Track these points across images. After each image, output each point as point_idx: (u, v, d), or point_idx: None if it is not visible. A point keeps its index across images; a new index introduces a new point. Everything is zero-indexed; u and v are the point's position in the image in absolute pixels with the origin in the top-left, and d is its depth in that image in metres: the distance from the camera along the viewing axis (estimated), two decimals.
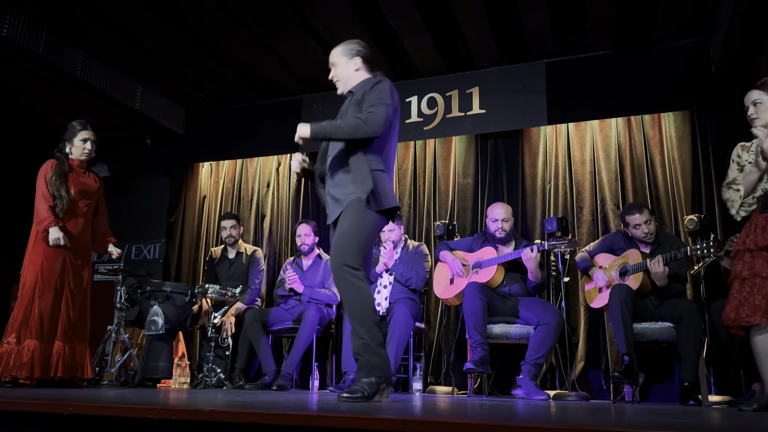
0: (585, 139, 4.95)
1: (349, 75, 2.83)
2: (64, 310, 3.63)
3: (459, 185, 5.25)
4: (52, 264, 3.62)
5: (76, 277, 3.73)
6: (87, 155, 3.88)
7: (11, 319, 3.57)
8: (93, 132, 3.92)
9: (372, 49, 4.74)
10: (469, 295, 3.85)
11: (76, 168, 3.85)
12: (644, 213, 3.94)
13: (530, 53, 4.94)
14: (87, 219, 3.86)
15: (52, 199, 3.66)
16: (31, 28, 4.45)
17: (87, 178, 3.89)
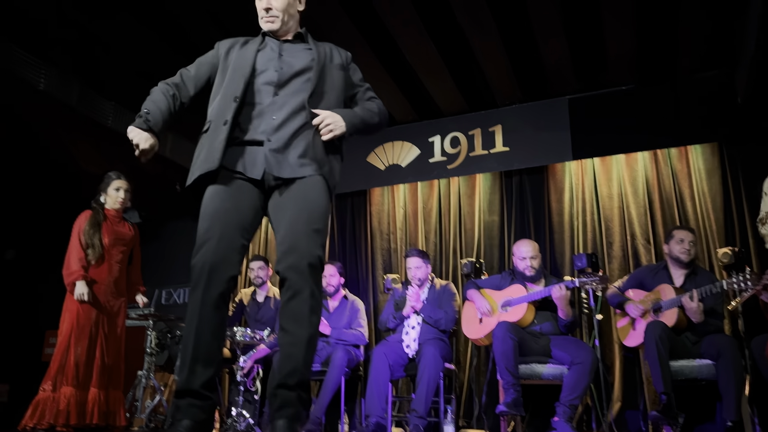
0: (611, 174, 4.91)
1: (292, 14, 2.22)
2: (99, 357, 3.68)
3: (485, 223, 5.23)
4: (88, 311, 3.69)
5: (110, 324, 3.80)
6: (121, 204, 3.99)
7: (49, 366, 3.63)
8: (126, 181, 4.03)
9: (393, 89, 4.88)
10: (499, 335, 3.78)
11: (111, 217, 3.95)
12: (692, 235, 3.90)
13: (552, 89, 4.97)
14: (122, 266, 3.95)
15: (86, 248, 3.75)
16: (64, 81, 4.62)
17: (122, 227, 4.00)
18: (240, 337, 4.31)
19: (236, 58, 2.17)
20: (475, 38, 4.24)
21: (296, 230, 1.94)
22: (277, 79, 2.09)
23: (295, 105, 2.08)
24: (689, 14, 3.90)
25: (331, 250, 5.73)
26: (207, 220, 1.97)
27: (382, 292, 5.38)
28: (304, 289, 1.89)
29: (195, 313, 1.88)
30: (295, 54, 2.18)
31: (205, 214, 1.99)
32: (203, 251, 1.92)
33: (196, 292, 1.89)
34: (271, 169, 2.01)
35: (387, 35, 4.22)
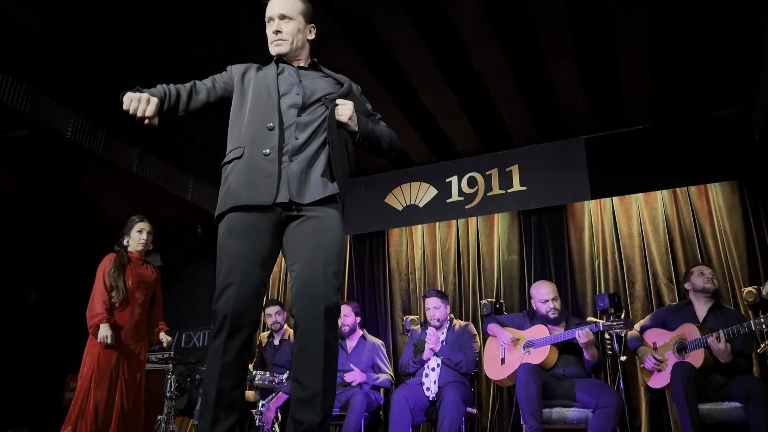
0: (631, 213, 4.88)
1: (302, 43, 2.25)
2: (119, 401, 3.69)
3: (504, 262, 5.20)
4: (109, 355, 3.71)
5: (131, 368, 3.81)
6: (143, 245, 4.05)
7: (69, 410, 3.64)
8: (149, 224, 4.10)
9: (410, 132, 4.95)
10: (522, 378, 3.72)
11: (134, 260, 4.01)
12: (711, 269, 3.93)
13: (568, 129, 5.00)
14: (143, 309, 3.98)
15: (110, 290, 3.80)
16: (91, 130, 4.77)
17: (144, 270, 4.05)
18: (259, 381, 4.29)
19: (256, 82, 2.17)
20: (492, 83, 4.31)
21: (313, 271, 1.91)
22: (301, 101, 2.11)
23: (316, 126, 2.10)
24: (705, 53, 3.94)
25: (350, 291, 5.72)
26: (227, 260, 1.93)
27: (401, 333, 5.34)
28: (317, 337, 1.85)
29: (217, 360, 1.86)
30: (314, 80, 2.22)
31: (225, 251, 1.95)
32: (225, 298, 1.89)
33: (218, 339, 1.86)
34: (292, 195, 1.98)
35: (405, 82, 4.30)
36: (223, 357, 1.85)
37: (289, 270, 1.99)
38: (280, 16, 2.19)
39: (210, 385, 1.86)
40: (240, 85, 2.19)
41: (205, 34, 3.85)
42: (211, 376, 1.86)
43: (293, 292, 1.94)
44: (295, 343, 1.91)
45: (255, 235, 1.95)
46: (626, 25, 3.67)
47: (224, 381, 1.85)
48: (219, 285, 1.91)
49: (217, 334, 1.87)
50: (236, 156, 2.06)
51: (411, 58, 4.03)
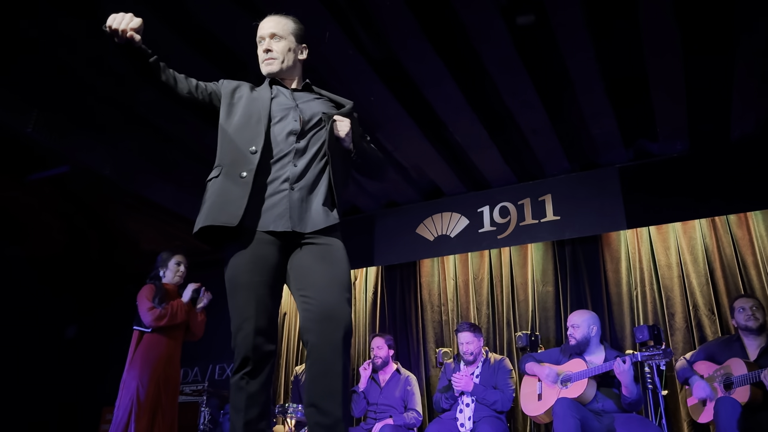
0: (669, 242, 4.77)
1: (293, 63, 2.22)
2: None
3: (539, 294, 5.11)
4: (147, 388, 3.72)
5: (166, 401, 3.81)
6: (180, 277, 4.13)
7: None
8: (184, 257, 4.19)
9: (439, 163, 4.95)
10: (560, 414, 3.61)
11: (170, 292, 4.06)
12: (753, 299, 3.77)
13: (601, 159, 4.94)
14: (177, 343, 4.02)
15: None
16: (129, 167, 4.90)
17: (188, 308, 4.12)
18: (291, 413, 4.27)
19: (247, 103, 2.13)
20: (522, 115, 4.30)
21: (331, 297, 1.91)
22: (299, 127, 2.08)
23: (315, 151, 2.09)
24: (741, 78, 3.87)
25: (381, 322, 5.68)
26: (240, 295, 1.92)
27: (434, 366, 5.26)
28: (336, 364, 1.85)
29: (243, 393, 1.86)
30: (309, 103, 2.20)
31: (237, 286, 1.93)
32: (243, 336, 1.89)
33: (241, 373, 1.88)
34: (294, 224, 1.97)
35: (434, 114, 4.32)
36: (248, 388, 1.86)
37: (299, 296, 1.97)
38: (271, 35, 2.17)
39: (236, 417, 1.86)
40: (228, 99, 2.14)
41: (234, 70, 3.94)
42: (236, 409, 1.87)
43: (308, 318, 1.92)
44: (311, 368, 1.89)
45: (262, 266, 1.94)
46: (658, 51, 3.63)
47: (250, 412, 1.85)
48: (235, 320, 1.91)
49: (240, 369, 1.88)
50: (214, 175, 2.05)
51: (440, 92, 4.05)
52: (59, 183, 4.86)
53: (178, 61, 2.36)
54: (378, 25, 3.49)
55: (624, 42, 3.64)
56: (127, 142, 4.70)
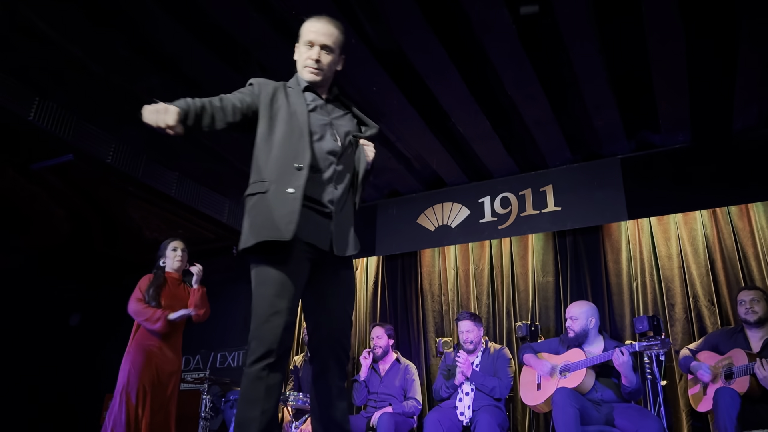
0: (669, 233, 4.78)
1: (333, 74, 2.26)
2: (146, 421, 3.62)
3: (539, 284, 5.13)
4: (138, 372, 3.68)
5: (160, 387, 3.75)
6: (179, 262, 4.10)
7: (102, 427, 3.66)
8: (182, 242, 4.17)
9: (442, 153, 4.96)
10: (559, 403, 3.64)
11: (171, 280, 4.06)
12: (754, 291, 3.79)
13: (603, 150, 4.95)
14: (178, 330, 4.00)
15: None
16: (132, 155, 4.91)
17: (181, 291, 4.08)
18: (292, 401, 4.31)
19: (288, 117, 2.11)
20: (525, 106, 4.30)
21: (341, 322, 2.09)
22: (338, 148, 2.12)
23: (348, 174, 2.15)
24: (744, 70, 3.87)
25: (382, 312, 5.71)
26: (275, 288, 1.93)
27: (434, 355, 5.30)
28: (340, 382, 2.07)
29: (262, 384, 1.87)
30: (340, 120, 2.22)
31: (272, 282, 1.93)
32: (272, 326, 1.89)
33: (262, 364, 1.87)
34: (335, 246, 2.04)
35: (437, 105, 4.32)
36: (268, 380, 1.87)
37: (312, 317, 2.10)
38: (323, 46, 2.16)
39: (251, 407, 1.85)
40: (268, 109, 2.13)
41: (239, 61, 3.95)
42: (252, 399, 1.86)
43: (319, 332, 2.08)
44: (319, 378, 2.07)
45: (299, 272, 1.99)
46: (661, 43, 3.63)
47: (268, 402, 1.87)
48: (264, 311, 1.91)
49: (261, 359, 1.87)
50: (260, 190, 2.03)
51: (443, 82, 4.05)
52: (63, 172, 4.87)
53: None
54: (382, 14, 3.49)
55: (627, 34, 3.64)
56: (131, 130, 4.70)
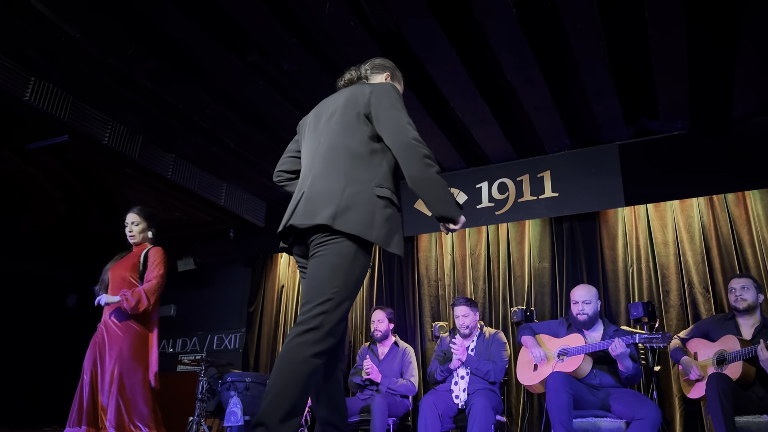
0: (666, 220, 4.79)
1: None
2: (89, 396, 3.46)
3: (535, 270, 5.15)
4: (90, 348, 3.58)
5: (109, 359, 3.51)
6: (130, 239, 3.86)
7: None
8: (140, 216, 3.88)
9: (440, 138, 4.95)
10: (553, 388, 3.67)
11: (126, 256, 3.85)
12: (744, 279, 3.79)
13: (602, 136, 4.94)
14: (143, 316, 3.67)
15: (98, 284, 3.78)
16: (129, 136, 4.89)
17: (121, 261, 3.82)
18: None
19: None
20: (524, 91, 4.28)
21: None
22: None
23: None
24: (743, 58, 3.86)
25: (379, 296, 5.74)
26: (355, 294, 2.00)
27: (430, 339, 5.33)
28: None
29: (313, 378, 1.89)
30: None
31: (358, 285, 2.00)
32: (343, 328, 2.01)
33: (321, 360, 1.88)
34: None
35: (436, 89, 4.30)
36: (318, 369, 1.91)
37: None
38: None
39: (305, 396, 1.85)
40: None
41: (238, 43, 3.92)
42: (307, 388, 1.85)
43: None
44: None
45: None
46: (662, 30, 3.61)
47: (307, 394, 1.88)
48: (345, 311, 1.95)
49: (325, 353, 1.88)
50: (396, 204, 2.14)
51: (443, 66, 4.03)
52: (58, 152, 4.85)
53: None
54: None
55: (628, 20, 3.62)
56: (127, 112, 4.68)
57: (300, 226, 2.06)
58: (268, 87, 4.30)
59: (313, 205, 2.05)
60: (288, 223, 2.13)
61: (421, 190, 2.11)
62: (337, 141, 2.17)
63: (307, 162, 2.26)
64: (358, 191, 2.05)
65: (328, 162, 2.14)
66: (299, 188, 2.21)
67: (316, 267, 1.98)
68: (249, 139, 5.04)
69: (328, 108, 2.32)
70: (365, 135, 2.16)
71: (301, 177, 2.27)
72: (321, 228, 2.00)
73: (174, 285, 6.70)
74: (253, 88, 4.33)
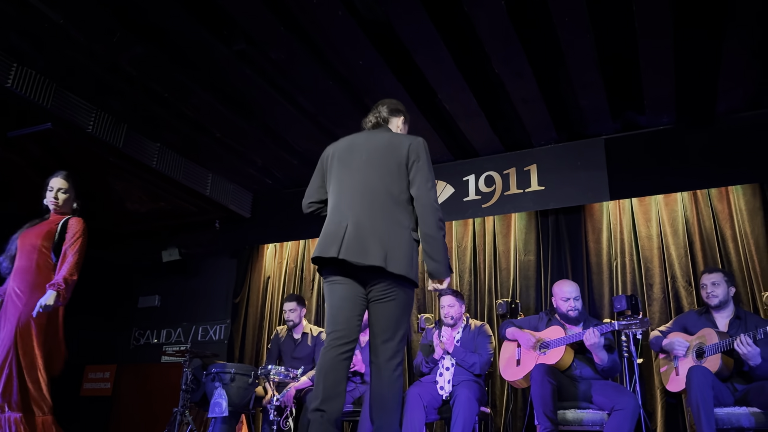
0: (650, 214, 4.84)
1: None
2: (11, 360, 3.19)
3: (521, 262, 5.18)
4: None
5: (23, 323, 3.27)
6: (53, 204, 3.57)
7: None
8: (68, 183, 3.62)
9: (429, 131, 4.95)
10: (537, 379, 3.71)
11: (42, 222, 3.56)
12: (714, 274, 3.83)
13: (588, 130, 4.96)
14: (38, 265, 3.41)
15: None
16: (113, 125, 4.83)
17: (36, 227, 3.54)
18: (274, 375, 4.33)
19: None
20: (512, 84, 4.29)
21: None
22: None
23: None
24: (729, 53, 3.89)
25: None
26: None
27: (415, 331, 5.34)
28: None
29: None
30: None
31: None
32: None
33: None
34: None
35: (424, 81, 4.30)
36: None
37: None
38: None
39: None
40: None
41: (225, 31, 3.88)
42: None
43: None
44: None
45: None
46: (648, 25, 3.63)
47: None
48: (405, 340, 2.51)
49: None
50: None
51: (431, 57, 4.02)
52: (42, 140, 4.78)
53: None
54: None
55: (616, 14, 3.63)
56: (112, 99, 4.62)
57: (354, 263, 2.41)
58: (256, 76, 4.27)
59: (364, 244, 2.41)
60: (339, 256, 2.42)
61: (427, 245, 2.50)
62: (378, 185, 2.53)
63: (346, 198, 2.57)
64: (400, 234, 2.46)
65: (371, 204, 2.50)
66: (338, 221, 2.52)
67: (389, 309, 2.46)
68: (235, 128, 5.00)
69: (362, 148, 2.66)
70: (404, 184, 2.54)
71: (338, 210, 2.58)
72: (375, 268, 2.40)
73: (159, 275, 6.68)
74: (240, 76, 4.30)
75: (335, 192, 2.64)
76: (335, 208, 2.60)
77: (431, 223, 2.48)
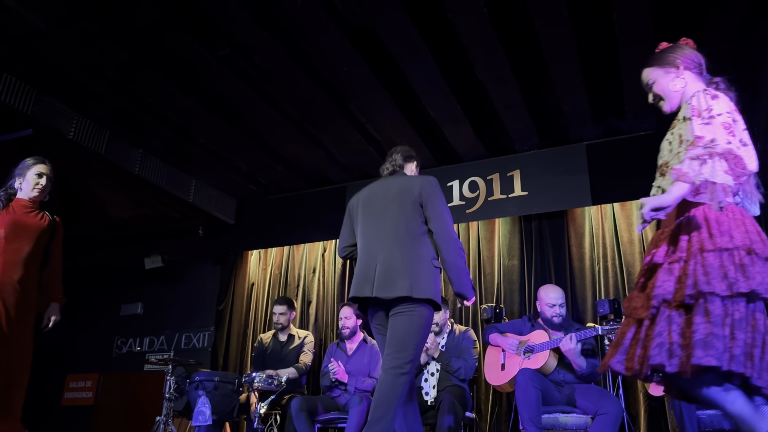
0: (632, 219, 4.89)
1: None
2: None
3: (505, 267, 5.20)
4: None
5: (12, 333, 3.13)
6: (39, 191, 3.41)
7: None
8: (50, 167, 3.50)
9: (412, 136, 4.96)
10: (521, 384, 3.72)
11: (19, 207, 3.35)
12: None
13: (570, 136, 5.01)
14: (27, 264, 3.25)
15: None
16: (95, 131, 4.79)
17: (31, 218, 3.36)
18: (258, 383, 4.29)
19: None
20: (495, 90, 4.32)
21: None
22: None
23: None
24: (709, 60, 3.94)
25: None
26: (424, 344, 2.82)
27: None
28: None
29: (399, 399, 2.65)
30: None
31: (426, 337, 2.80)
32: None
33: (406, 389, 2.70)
34: None
35: (408, 87, 4.31)
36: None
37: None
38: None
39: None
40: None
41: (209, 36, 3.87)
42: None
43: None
44: None
45: None
46: (629, 32, 3.68)
47: None
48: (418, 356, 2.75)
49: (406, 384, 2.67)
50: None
51: (415, 64, 4.04)
52: (22, 146, 4.72)
53: None
54: None
55: (597, 21, 3.68)
56: (93, 105, 4.58)
57: (385, 298, 2.73)
58: (240, 81, 4.26)
59: (392, 280, 2.72)
60: (373, 294, 2.75)
61: (452, 272, 2.81)
62: (398, 225, 2.84)
63: (373, 241, 2.90)
64: (420, 265, 2.75)
65: (394, 244, 2.80)
66: (367, 262, 2.85)
67: (404, 322, 2.70)
68: (219, 134, 4.98)
69: (382, 194, 2.97)
70: (420, 219, 2.85)
71: (367, 251, 2.91)
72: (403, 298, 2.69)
73: (141, 282, 6.61)
74: (224, 82, 4.28)
75: (362, 237, 2.98)
76: (363, 251, 2.94)
77: (452, 252, 2.79)
